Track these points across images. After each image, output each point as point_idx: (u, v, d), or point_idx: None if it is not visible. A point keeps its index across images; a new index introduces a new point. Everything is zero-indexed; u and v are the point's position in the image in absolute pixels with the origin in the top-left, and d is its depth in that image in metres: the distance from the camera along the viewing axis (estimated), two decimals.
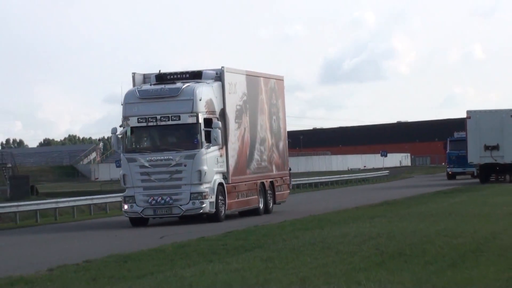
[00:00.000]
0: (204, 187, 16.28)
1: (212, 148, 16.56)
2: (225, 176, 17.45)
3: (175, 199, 16.33)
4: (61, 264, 8.40)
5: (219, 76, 17.66)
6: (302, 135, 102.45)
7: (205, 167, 16.23)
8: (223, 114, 17.42)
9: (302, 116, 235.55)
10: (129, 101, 16.83)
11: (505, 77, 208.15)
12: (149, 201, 16.38)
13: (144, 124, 16.72)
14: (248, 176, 19.08)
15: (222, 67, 17.73)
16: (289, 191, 22.67)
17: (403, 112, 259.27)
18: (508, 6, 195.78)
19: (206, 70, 17.96)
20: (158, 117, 16.46)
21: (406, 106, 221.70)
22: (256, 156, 19.73)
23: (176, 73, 17.84)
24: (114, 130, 16.99)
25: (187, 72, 17.82)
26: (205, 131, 16.42)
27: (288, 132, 23.50)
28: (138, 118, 16.64)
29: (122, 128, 16.98)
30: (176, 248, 9.86)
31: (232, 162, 17.78)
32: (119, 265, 8.09)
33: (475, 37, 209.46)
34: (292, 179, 23.77)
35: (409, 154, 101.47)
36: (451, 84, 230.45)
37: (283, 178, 21.55)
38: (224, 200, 17.11)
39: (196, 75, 17.58)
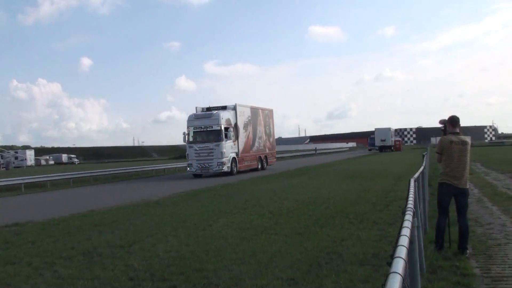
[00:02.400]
0: (224, 160, 31.20)
1: (229, 141, 31.76)
2: (237, 154, 32.94)
3: (210, 165, 31.42)
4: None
5: (234, 108, 33.38)
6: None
7: (224, 150, 31.21)
8: (235, 125, 33.08)
9: None
10: (190, 119, 32.61)
11: None
12: (198, 166, 31.78)
13: (197, 130, 32.16)
14: (251, 153, 35.56)
15: (235, 103, 33.77)
16: (275, 160, 41.95)
17: None
18: None
19: (229, 104, 33.63)
20: (203, 127, 31.97)
21: None
22: (256, 144, 36.75)
23: (214, 107, 33.57)
24: (184, 133, 32.55)
25: (219, 106, 33.51)
26: (225, 133, 31.36)
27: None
28: (193, 127, 32.24)
29: (186, 132, 32.39)
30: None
31: (241, 147, 33.48)
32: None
33: None
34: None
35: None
36: None
37: (272, 154, 40.76)
38: (236, 165, 32.69)
39: (224, 107, 33.25)
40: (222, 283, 6.15)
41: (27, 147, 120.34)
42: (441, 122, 8.06)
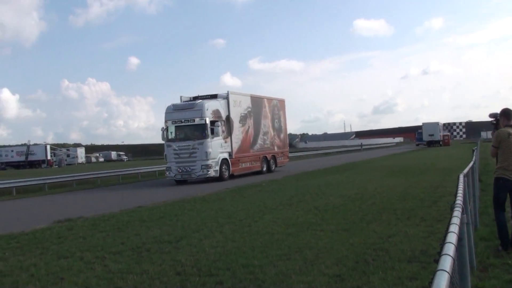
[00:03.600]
0: (210, 162, 24.98)
1: (217, 138, 25.40)
2: (230, 154, 26.76)
3: (192, 169, 25.19)
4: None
5: (227, 96, 27.12)
6: None
7: (210, 150, 24.98)
8: (228, 118, 26.82)
9: None
10: (168, 111, 26.22)
11: None
12: (178, 170, 25.39)
13: (175, 124, 25.82)
14: (252, 153, 29.27)
15: (227, 91, 27.43)
16: (287, 159, 35.04)
17: None
18: None
19: (220, 93, 27.56)
20: (183, 120, 25.61)
21: None
22: (260, 141, 30.43)
23: (203, 95, 27.44)
24: (162, 129, 26.09)
25: (209, 95, 27.43)
26: (211, 128, 25.09)
27: None
28: (172, 121, 25.89)
29: (164, 127, 25.98)
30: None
31: (235, 146, 27.24)
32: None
33: None
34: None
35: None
36: None
37: (283, 153, 33.90)
38: (229, 168, 26.53)
39: (214, 96, 27.25)
40: (268, 279, 6.17)
41: (78, 145, 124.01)
42: (492, 115, 7.83)
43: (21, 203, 20.26)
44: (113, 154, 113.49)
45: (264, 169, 30.56)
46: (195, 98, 27.31)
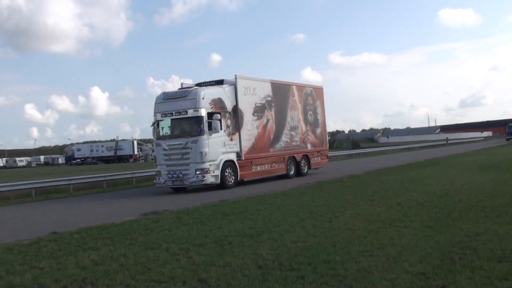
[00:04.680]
0: (207, 165, 20.16)
1: (216, 134, 20.44)
2: (238, 154, 21.72)
3: (184, 174, 20.38)
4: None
5: (234, 82, 22.10)
6: None
7: (206, 149, 20.10)
8: (235, 110, 21.76)
9: None
10: (157, 102, 21.50)
11: None
12: (168, 175, 20.65)
13: (165, 118, 21.12)
14: (272, 153, 23.99)
15: (235, 75, 22.09)
16: (326, 160, 29.54)
17: None
18: None
19: (227, 78, 22.58)
20: (174, 112, 20.73)
21: None
22: (285, 138, 25.04)
23: (207, 82, 22.91)
24: (153, 124, 21.48)
25: (214, 80, 22.78)
26: (208, 122, 20.21)
27: None
28: (161, 114, 21.12)
29: (154, 121, 21.44)
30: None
31: (246, 144, 22.18)
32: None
33: None
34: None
35: None
36: None
37: (320, 152, 28.21)
38: (236, 172, 21.52)
39: (219, 82, 22.53)
40: (349, 275, 6.12)
41: None
42: None
43: (110, 195, 21.38)
44: None
45: (292, 172, 25.31)
46: (198, 85, 22.69)
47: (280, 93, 24.91)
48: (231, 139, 21.39)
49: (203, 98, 20.31)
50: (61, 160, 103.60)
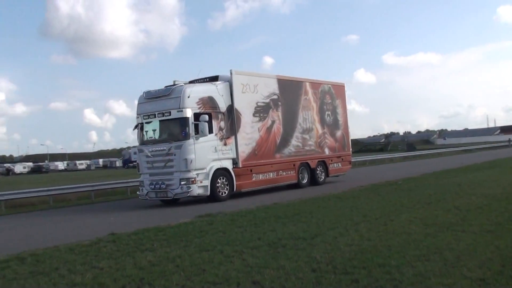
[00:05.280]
0: (192, 174, 17.58)
1: (204, 138, 17.82)
2: (235, 161, 19.18)
3: (168, 184, 17.85)
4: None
5: (229, 79, 19.49)
6: None
7: (191, 156, 17.52)
8: (231, 110, 19.22)
9: None
10: (139, 102, 18.99)
11: None
12: (151, 185, 18.19)
13: (147, 120, 18.68)
14: (279, 159, 21.20)
15: (230, 70, 19.39)
16: (348, 166, 26.38)
17: None
18: None
19: (222, 74, 19.89)
20: (156, 113, 18.29)
21: None
22: (295, 142, 22.23)
23: (200, 78, 20.17)
24: (134, 127, 19.20)
25: (208, 77, 20.10)
26: (195, 124, 17.69)
27: None
28: (143, 115, 18.68)
29: (138, 124, 19.05)
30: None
31: (245, 149, 19.57)
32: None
33: None
34: None
35: None
36: None
37: (341, 157, 25.13)
38: (232, 182, 18.84)
39: (214, 78, 19.84)
40: (405, 280, 6.01)
41: None
42: None
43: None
44: None
45: (305, 180, 22.52)
46: (192, 82, 19.92)
47: (289, 91, 22.12)
48: (225, 144, 18.74)
49: (188, 97, 17.76)
50: (118, 163, 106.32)
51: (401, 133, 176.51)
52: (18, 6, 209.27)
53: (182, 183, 17.53)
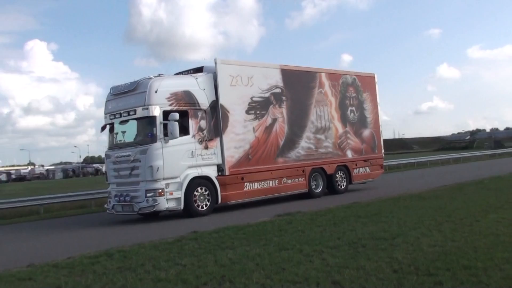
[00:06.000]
0: (162, 184, 14.77)
1: (175, 141, 14.96)
2: (220, 168, 16.18)
3: (133, 196, 15.08)
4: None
5: (213, 69, 16.53)
6: None
7: (158, 162, 14.67)
8: (215, 106, 16.24)
9: None
10: (107, 99, 16.50)
11: None
12: (115, 197, 15.59)
13: (113, 120, 16.08)
14: (282, 164, 18.01)
15: (214, 59, 16.40)
16: (379, 171, 22.67)
17: None
18: None
19: (208, 65, 17.02)
20: (122, 112, 15.65)
21: None
22: (305, 143, 19.00)
23: (185, 71, 17.59)
24: (101, 129, 16.77)
25: (192, 69, 17.51)
26: (164, 124, 14.94)
27: None
28: (109, 115, 16.16)
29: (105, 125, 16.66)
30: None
31: (234, 153, 16.51)
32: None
33: None
34: None
35: None
36: None
37: (370, 160, 21.63)
38: (213, 193, 15.82)
39: (198, 70, 17.20)
40: (493, 283, 5.76)
41: None
42: None
43: None
44: None
45: (319, 189, 19.33)
46: (182, 73, 17.56)
47: (297, 83, 19.04)
48: (206, 147, 15.84)
49: (156, 92, 15.03)
50: None
51: (488, 130, 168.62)
52: (105, 14, 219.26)
53: (148, 195, 14.73)
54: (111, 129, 16.40)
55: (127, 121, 15.82)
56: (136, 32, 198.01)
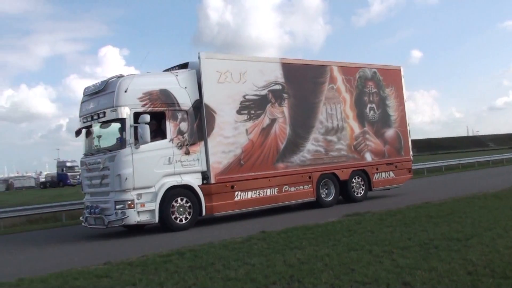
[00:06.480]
0: (132, 194, 13.16)
1: (147, 146, 13.33)
2: (205, 175, 14.43)
3: (103, 208, 13.65)
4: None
5: (197, 65, 14.83)
6: None
7: (126, 171, 13.09)
8: (198, 106, 14.44)
9: None
10: (82, 100, 15.05)
11: None
12: (87, 209, 14.36)
13: (86, 124, 14.67)
14: (283, 169, 15.99)
15: (198, 53, 14.69)
16: (407, 176, 20.02)
17: None
18: None
19: (194, 61, 15.13)
20: (93, 115, 14.19)
21: None
22: (312, 146, 16.87)
23: (170, 67, 15.75)
24: (75, 133, 15.27)
25: (178, 65, 15.58)
26: (134, 127, 13.34)
27: None
28: (82, 118, 14.77)
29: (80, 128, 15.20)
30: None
31: (222, 158, 14.69)
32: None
33: None
34: None
35: None
36: None
37: (395, 164, 19.17)
38: (196, 204, 14.10)
39: (184, 66, 15.34)
40: None
41: None
42: None
43: None
44: None
45: (330, 197, 17.33)
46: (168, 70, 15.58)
47: (302, 79, 17.03)
48: (187, 152, 14.09)
49: (125, 91, 13.44)
50: None
51: None
52: (174, 19, 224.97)
53: (117, 207, 13.21)
54: (87, 134, 14.99)
55: (99, 124, 14.38)
56: (203, 35, 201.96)
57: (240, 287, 6.63)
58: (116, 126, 13.96)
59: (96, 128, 14.64)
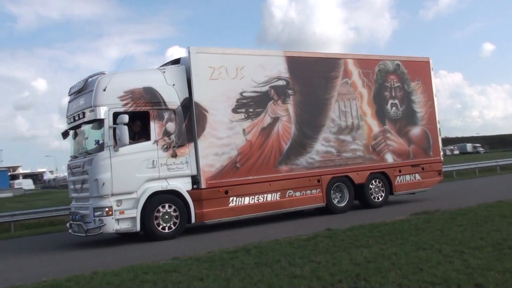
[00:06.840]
0: (111, 201, 12.23)
1: (127, 149, 12.39)
2: (196, 180, 13.32)
3: (82, 215, 12.78)
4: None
5: (187, 60, 13.75)
6: None
7: (104, 175, 12.18)
8: (187, 105, 13.38)
9: None
10: (68, 100, 14.21)
11: None
12: (70, 215, 13.63)
13: (70, 125, 13.85)
14: (287, 173, 14.66)
15: (187, 48, 13.51)
16: (436, 178, 18.02)
17: None
18: None
19: (186, 56, 13.96)
20: (74, 115, 13.39)
21: None
22: (322, 147, 15.38)
23: (163, 64, 14.74)
24: (62, 136, 14.35)
25: (170, 61, 14.63)
26: (113, 127, 12.41)
27: None
28: (68, 119, 13.99)
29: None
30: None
31: (215, 161, 13.53)
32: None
33: None
34: None
35: None
36: None
37: (421, 165, 17.37)
38: (184, 211, 13.02)
39: (176, 62, 14.31)
40: None
41: None
42: None
43: None
44: (469, 146, 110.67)
45: (343, 203, 15.88)
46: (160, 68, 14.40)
47: (310, 73, 15.64)
48: (174, 155, 13.09)
49: (104, 90, 12.57)
50: None
51: None
52: (238, 18, 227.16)
53: (96, 214, 12.34)
54: (74, 135, 14.22)
55: (78, 125, 13.60)
56: (268, 33, 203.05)
57: (306, 284, 6.61)
58: (93, 127, 13.28)
59: (85, 129, 13.81)
